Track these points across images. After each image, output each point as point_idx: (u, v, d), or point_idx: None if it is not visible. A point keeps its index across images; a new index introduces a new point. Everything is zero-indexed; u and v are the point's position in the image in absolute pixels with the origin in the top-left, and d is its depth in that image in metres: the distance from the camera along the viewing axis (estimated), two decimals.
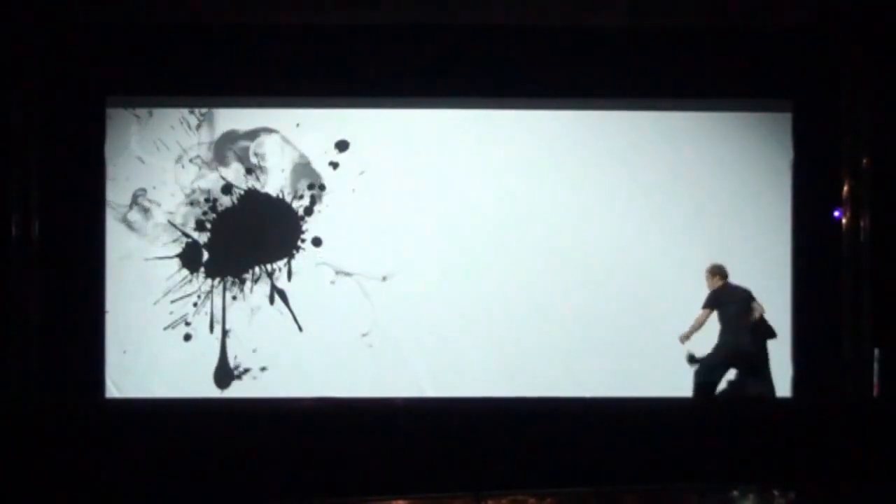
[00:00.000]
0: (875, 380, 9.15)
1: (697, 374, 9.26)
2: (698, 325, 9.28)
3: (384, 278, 9.73)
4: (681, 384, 9.26)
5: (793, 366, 9.58)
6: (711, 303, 9.31)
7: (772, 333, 9.36)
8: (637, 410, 8.70)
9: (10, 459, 7.70)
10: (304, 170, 9.82)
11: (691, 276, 9.62)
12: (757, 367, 9.28)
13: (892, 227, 9.29)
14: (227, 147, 9.82)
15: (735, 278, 9.54)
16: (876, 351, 9.18)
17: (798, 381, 9.56)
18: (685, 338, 9.26)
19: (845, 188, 9.54)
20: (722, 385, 9.34)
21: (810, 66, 9.61)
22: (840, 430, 8.03)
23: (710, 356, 9.27)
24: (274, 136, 9.84)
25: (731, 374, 9.36)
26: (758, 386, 9.27)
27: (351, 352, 9.66)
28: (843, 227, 9.54)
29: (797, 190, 9.73)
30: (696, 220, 9.78)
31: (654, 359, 9.53)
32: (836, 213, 9.58)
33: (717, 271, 9.44)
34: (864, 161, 9.41)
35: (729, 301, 9.31)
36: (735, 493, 6.58)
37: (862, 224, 9.43)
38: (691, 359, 9.29)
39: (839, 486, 7.27)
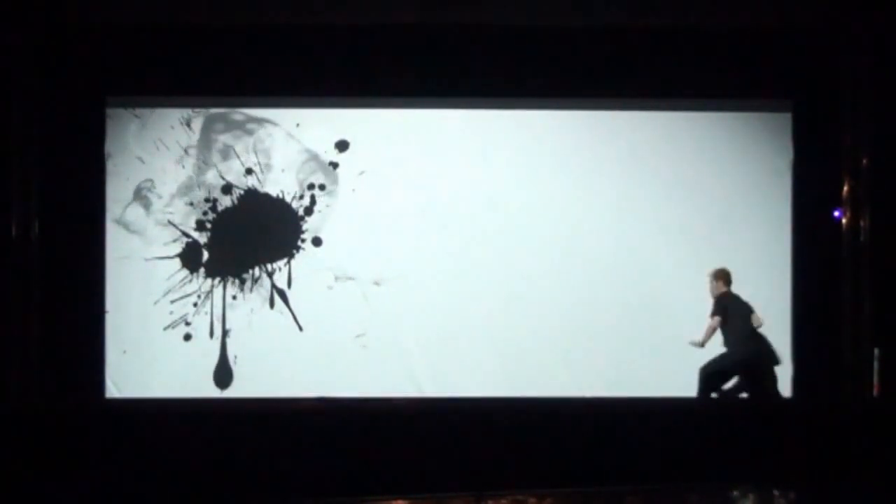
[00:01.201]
0: (875, 380, 9.14)
1: (705, 380, 9.28)
2: (712, 332, 9.34)
3: (385, 278, 9.71)
4: (681, 384, 9.26)
5: (793, 366, 9.57)
6: (720, 310, 9.36)
7: (769, 346, 9.40)
8: (637, 410, 8.70)
9: (10, 459, 7.70)
10: (304, 170, 9.81)
11: (691, 276, 9.61)
12: (766, 372, 9.31)
13: (892, 227, 9.27)
14: (227, 147, 9.81)
15: (736, 279, 9.53)
16: (876, 351, 9.17)
17: (798, 381, 9.55)
18: (701, 345, 9.31)
19: (845, 188, 9.53)
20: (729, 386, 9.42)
21: (810, 66, 9.60)
22: (840, 430, 8.03)
23: (717, 362, 9.29)
24: (274, 136, 9.83)
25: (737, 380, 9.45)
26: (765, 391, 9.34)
27: (350, 352, 9.65)
28: (843, 227, 9.52)
29: (797, 190, 9.71)
30: (695, 221, 9.77)
31: (654, 359, 9.52)
32: (836, 213, 9.56)
33: (722, 276, 9.48)
34: (864, 161, 9.39)
35: (734, 308, 9.35)
36: (735, 493, 6.58)
37: (862, 224, 9.40)
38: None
39: (839, 486, 7.27)
